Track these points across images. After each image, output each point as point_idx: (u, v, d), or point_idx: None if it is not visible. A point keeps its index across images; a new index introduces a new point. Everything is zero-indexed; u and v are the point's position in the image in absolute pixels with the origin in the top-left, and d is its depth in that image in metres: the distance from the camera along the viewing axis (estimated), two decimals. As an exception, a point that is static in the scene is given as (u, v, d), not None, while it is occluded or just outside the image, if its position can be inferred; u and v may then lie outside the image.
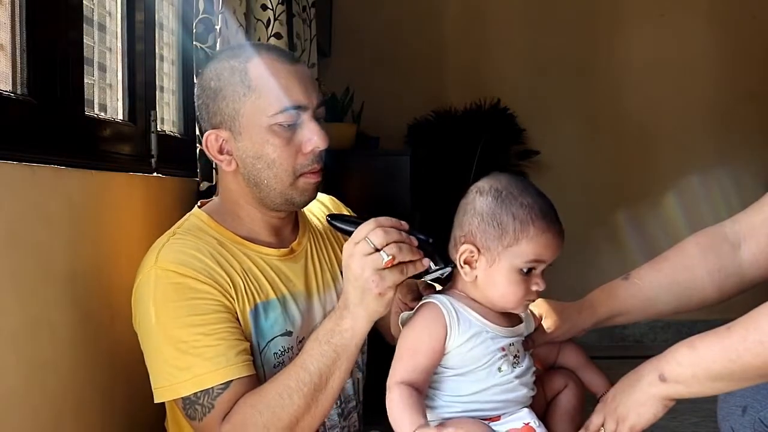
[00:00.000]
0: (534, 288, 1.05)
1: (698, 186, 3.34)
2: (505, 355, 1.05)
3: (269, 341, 1.16)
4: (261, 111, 1.14)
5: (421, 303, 1.07)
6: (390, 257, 0.99)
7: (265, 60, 1.16)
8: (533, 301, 1.09)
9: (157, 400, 1.11)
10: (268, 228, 1.23)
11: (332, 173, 2.02)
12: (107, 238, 1.26)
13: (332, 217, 1.14)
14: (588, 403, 1.17)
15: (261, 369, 1.15)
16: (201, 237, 1.17)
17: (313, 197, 1.22)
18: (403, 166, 2.44)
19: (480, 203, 1.05)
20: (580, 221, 3.28)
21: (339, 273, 1.29)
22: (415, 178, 2.48)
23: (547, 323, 1.19)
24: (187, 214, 1.24)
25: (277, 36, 1.88)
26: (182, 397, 1.08)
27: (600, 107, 3.49)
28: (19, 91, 1.12)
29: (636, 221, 3.35)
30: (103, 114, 1.46)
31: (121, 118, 1.54)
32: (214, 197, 1.30)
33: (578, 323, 1.21)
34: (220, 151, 1.18)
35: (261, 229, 1.23)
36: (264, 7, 1.84)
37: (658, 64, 3.44)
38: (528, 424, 1.05)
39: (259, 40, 1.85)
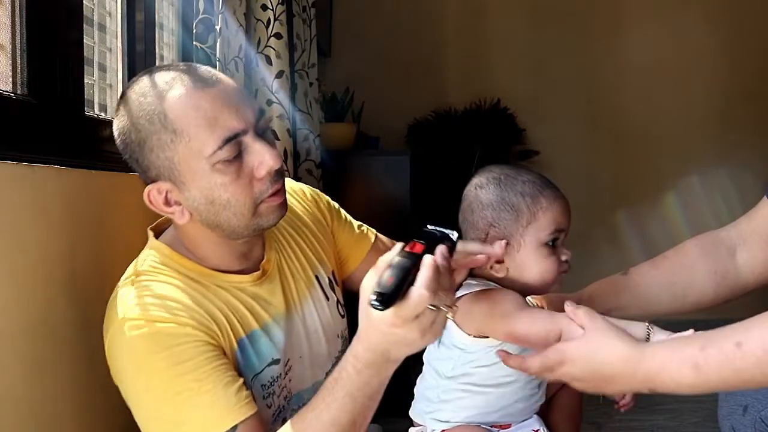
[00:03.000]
0: (563, 258, 1.05)
1: (698, 186, 3.35)
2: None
3: (257, 374, 1.08)
4: (197, 154, 1.00)
5: (479, 290, 1.02)
6: (456, 308, 0.88)
7: (181, 93, 1.01)
8: (566, 271, 1.08)
9: None
10: (236, 256, 1.13)
11: (332, 173, 2.03)
12: (107, 238, 1.26)
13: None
14: (587, 402, 1.17)
15: None
16: (168, 274, 1.06)
17: (283, 214, 1.10)
18: (403, 166, 2.44)
19: (484, 195, 1.06)
20: (580, 221, 3.27)
21: (312, 277, 1.23)
22: (415, 178, 2.48)
23: None
24: (145, 249, 1.12)
25: (277, 36, 1.88)
26: None
27: (600, 107, 3.49)
28: (19, 91, 1.12)
29: (636, 221, 3.35)
30: (103, 114, 1.46)
31: (121, 118, 1.54)
32: (166, 226, 1.16)
33: None
34: (167, 203, 1.06)
35: (230, 260, 1.12)
36: (264, 7, 1.84)
37: (658, 64, 3.44)
38: (537, 431, 1.05)
39: (259, 40, 1.85)
